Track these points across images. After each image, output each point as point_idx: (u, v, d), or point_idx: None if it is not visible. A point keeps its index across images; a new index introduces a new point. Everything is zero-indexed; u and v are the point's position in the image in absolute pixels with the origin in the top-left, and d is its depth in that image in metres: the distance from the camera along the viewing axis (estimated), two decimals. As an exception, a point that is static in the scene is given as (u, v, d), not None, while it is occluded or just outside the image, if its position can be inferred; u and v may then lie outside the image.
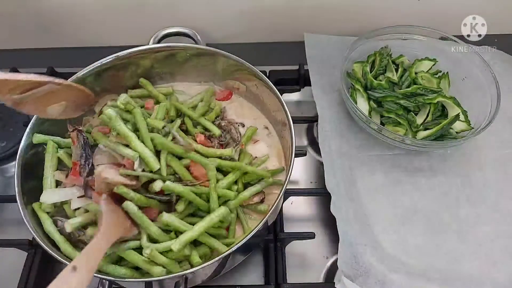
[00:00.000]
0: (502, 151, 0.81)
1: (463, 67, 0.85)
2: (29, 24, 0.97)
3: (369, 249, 0.69)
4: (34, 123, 0.67)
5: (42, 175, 0.67)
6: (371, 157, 0.81)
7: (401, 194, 0.76)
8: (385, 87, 0.82)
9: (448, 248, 0.71)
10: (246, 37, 1.02)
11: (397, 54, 0.89)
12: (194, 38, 0.84)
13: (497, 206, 0.75)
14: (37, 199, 0.64)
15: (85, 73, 0.73)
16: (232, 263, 0.67)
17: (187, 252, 0.59)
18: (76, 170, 0.63)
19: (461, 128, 0.78)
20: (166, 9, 0.95)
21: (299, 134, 0.89)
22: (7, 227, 0.77)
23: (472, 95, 0.82)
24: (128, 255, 0.58)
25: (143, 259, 0.58)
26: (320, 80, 0.89)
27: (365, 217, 0.73)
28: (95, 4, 0.93)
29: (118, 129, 0.62)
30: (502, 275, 0.68)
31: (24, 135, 0.66)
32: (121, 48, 0.76)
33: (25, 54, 1.02)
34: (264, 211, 0.67)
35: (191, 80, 0.84)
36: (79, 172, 0.62)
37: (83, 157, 0.62)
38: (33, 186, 0.65)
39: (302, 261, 0.73)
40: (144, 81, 0.79)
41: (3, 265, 0.72)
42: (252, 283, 0.71)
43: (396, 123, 0.80)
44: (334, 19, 0.98)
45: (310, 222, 0.78)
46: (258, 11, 0.96)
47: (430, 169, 0.79)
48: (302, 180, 0.83)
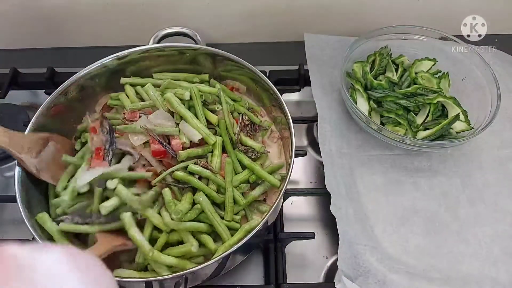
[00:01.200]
0: (502, 151, 0.81)
1: (463, 67, 0.85)
2: (29, 24, 0.97)
3: (369, 249, 0.69)
4: (34, 123, 0.67)
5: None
6: (371, 157, 0.81)
7: (401, 194, 0.76)
8: (385, 87, 0.82)
9: (448, 248, 0.71)
10: (246, 37, 1.02)
11: (397, 54, 0.89)
12: (194, 38, 0.84)
13: (497, 206, 0.75)
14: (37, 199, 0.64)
15: (85, 73, 0.73)
16: (232, 263, 0.67)
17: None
18: (100, 154, 0.65)
19: (461, 128, 0.78)
20: (166, 9, 0.95)
21: (299, 134, 0.89)
22: (7, 227, 0.77)
23: (472, 95, 0.82)
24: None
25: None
26: (320, 80, 0.89)
27: (365, 217, 0.73)
28: (95, 4, 0.93)
29: (176, 108, 0.67)
30: (502, 275, 0.68)
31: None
32: (121, 48, 0.76)
33: (25, 54, 1.02)
34: (265, 211, 0.68)
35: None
36: (103, 157, 0.65)
37: (108, 142, 0.66)
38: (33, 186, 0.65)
39: (302, 261, 0.73)
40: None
41: (3, 265, 0.72)
42: (252, 283, 0.71)
43: (396, 123, 0.80)
44: (334, 19, 0.98)
45: (310, 222, 0.78)
46: (258, 11, 0.96)
47: (430, 169, 0.79)
48: (302, 180, 0.82)
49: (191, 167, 0.64)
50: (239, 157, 0.69)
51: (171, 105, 0.68)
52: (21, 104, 0.90)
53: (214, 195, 0.64)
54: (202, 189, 0.63)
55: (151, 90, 0.71)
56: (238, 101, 0.77)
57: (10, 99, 0.88)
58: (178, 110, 0.68)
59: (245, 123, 0.73)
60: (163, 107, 0.69)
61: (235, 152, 0.69)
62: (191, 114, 0.68)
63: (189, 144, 0.67)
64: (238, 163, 0.68)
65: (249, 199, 0.66)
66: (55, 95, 0.70)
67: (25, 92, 0.93)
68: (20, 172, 0.63)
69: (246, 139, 0.71)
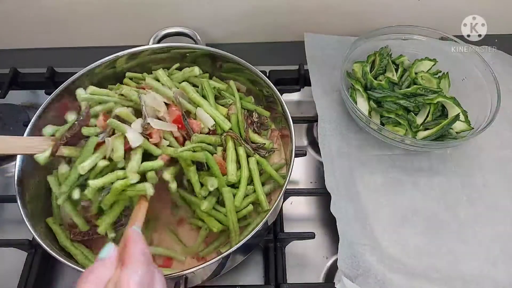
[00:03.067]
0: (502, 151, 0.81)
1: (463, 67, 0.85)
2: (29, 24, 0.97)
3: (369, 249, 0.69)
4: (34, 123, 0.67)
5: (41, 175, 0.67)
6: (371, 157, 0.81)
7: (401, 194, 0.76)
8: (385, 87, 0.82)
9: (448, 248, 0.71)
10: (246, 37, 1.02)
11: (397, 54, 0.89)
12: (194, 38, 0.84)
13: (497, 206, 0.75)
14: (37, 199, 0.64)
15: (85, 73, 0.73)
16: (232, 263, 0.67)
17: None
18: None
19: (461, 128, 0.78)
20: (166, 9, 0.95)
21: (299, 134, 0.89)
22: (7, 227, 0.77)
23: (472, 95, 0.82)
24: None
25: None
26: (320, 80, 0.89)
27: (365, 217, 0.73)
28: (95, 4, 0.93)
29: (191, 96, 0.68)
30: (502, 275, 0.68)
31: (24, 135, 0.66)
32: (121, 48, 0.76)
33: (25, 54, 1.02)
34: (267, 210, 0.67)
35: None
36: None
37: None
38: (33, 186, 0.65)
39: (302, 261, 0.73)
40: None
41: (3, 265, 0.72)
42: (252, 283, 0.71)
43: (396, 123, 0.80)
44: (334, 19, 0.98)
45: (310, 222, 0.78)
46: (258, 11, 0.96)
47: (430, 169, 0.79)
48: (302, 180, 0.83)
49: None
50: (248, 152, 0.68)
51: (186, 93, 0.68)
52: (21, 104, 0.91)
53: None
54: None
55: (163, 75, 0.72)
56: (244, 99, 0.77)
57: (10, 99, 0.89)
58: (193, 97, 0.68)
59: (253, 120, 0.73)
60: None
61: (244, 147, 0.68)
62: (206, 102, 0.68)
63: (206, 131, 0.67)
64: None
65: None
66: (55, 95, 0.70)
67: (25, 92, 0.93)
68: (20, 172, 0.63)
69: (254, 135, 0.71)
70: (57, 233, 0.64)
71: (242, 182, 0.64)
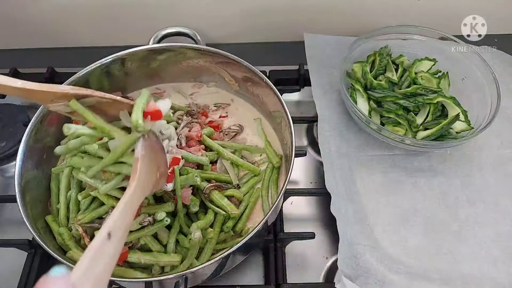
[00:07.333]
0: (502, 151, 0.81)
1: (463, 67, 0.85)
2: (29, 24, 0.97)
3: (369, 249, 0.69)
4: (34, 123, 0.67)
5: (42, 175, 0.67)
6: (371, 157, 0.81)
7: (401, 194, 0.76)
8: (385, 87, 0.82)
9: (448, 248, 0.71)
10: (246, 37, 1.02)
11: (397, 54, 0.89)
12: (194, 38, 0.84)
13: (497, 206, 0.75)
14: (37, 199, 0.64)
15: (85, 73, 0.73)
16: (232, 263, 0.67)
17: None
18: None
19: (461, 128, 0.78)
20: (166, 9, 0.95)
21: (299, 134, 0.89)
22: (7, 227, 0.77)
23: (472, 95, 0.82)
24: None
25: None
26: (320, 80, 0.89)
27: (365, 217, 0.73)
28: (95, 4, 0.93)
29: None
30: (502, 275, 0.68)
31: (24, 135, 0.66)
32: (121, 48, 0.76)
33: (25, 54, 1.02)
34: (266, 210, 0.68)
35: (187, 80, 0.84)
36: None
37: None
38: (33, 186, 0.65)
39: (302, 261, 0.73)
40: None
41: (3, 265, 0.72)
42: (252, 283, 0.71)
43: (396, 123, 0.80)
44: (334, 19, 0.98)
45: (310, 222, 0.78)
46: (258, 11, 0.96)
47: (430, 169, 0.79)
48: (302, 180, 0.83)
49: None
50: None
51: None
52: (21, 104, 0.90)
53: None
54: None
55: None
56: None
57: (10, 99, 0.89)
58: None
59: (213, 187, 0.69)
60: None
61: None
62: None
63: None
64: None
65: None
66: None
67: (25, 92, 0.93)
68: (20, 172, 0.63)
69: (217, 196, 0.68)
70: (55, 231, 0.64)
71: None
